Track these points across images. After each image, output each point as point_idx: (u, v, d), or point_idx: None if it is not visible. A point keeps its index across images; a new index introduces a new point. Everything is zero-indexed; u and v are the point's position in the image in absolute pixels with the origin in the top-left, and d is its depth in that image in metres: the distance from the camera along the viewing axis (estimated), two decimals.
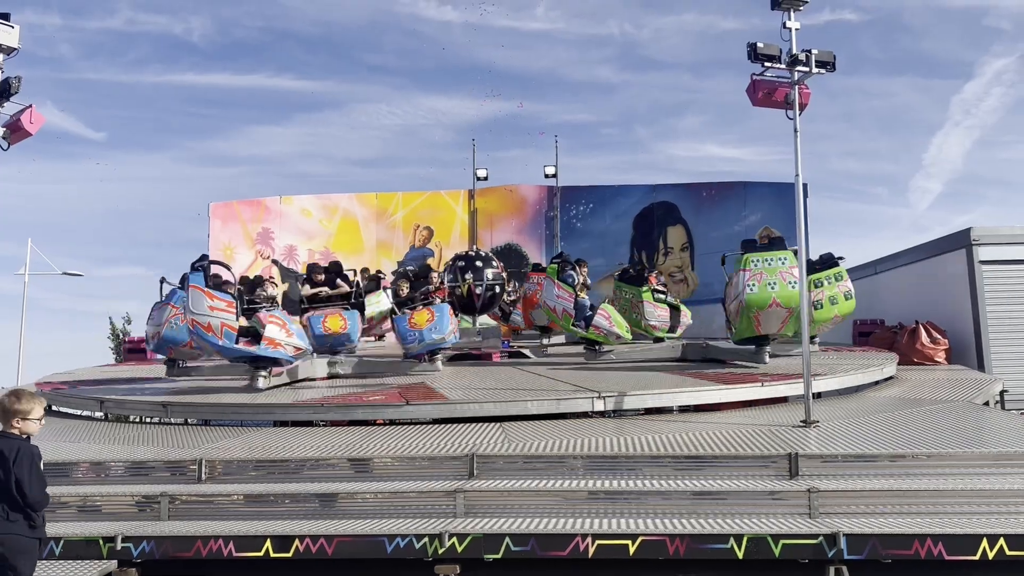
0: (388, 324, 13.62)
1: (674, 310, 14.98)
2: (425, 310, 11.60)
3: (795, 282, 10.62)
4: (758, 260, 11.23)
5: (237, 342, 10.39)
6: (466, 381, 11.31)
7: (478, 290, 15.23)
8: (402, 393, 10.03)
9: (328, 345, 12.50)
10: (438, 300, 12.11)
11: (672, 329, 14.80)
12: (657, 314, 14.46)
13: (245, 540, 6.50)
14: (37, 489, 4.59)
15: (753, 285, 11.17)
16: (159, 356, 13.57)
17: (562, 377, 11.13)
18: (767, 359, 11.56)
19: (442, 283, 13.43)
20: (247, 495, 7.29)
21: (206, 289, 10.32)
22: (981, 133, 56.21)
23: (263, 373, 10.70)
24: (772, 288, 11.00)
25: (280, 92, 54.35)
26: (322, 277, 13.34)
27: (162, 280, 12.66)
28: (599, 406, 9.37)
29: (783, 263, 11.07)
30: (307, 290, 13.23)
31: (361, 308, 13.05)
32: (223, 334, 10.22)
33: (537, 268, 16.05)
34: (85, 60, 56.46)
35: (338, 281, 13.42)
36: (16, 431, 4.67)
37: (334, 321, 12.41)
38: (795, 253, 11.54)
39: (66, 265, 24.82)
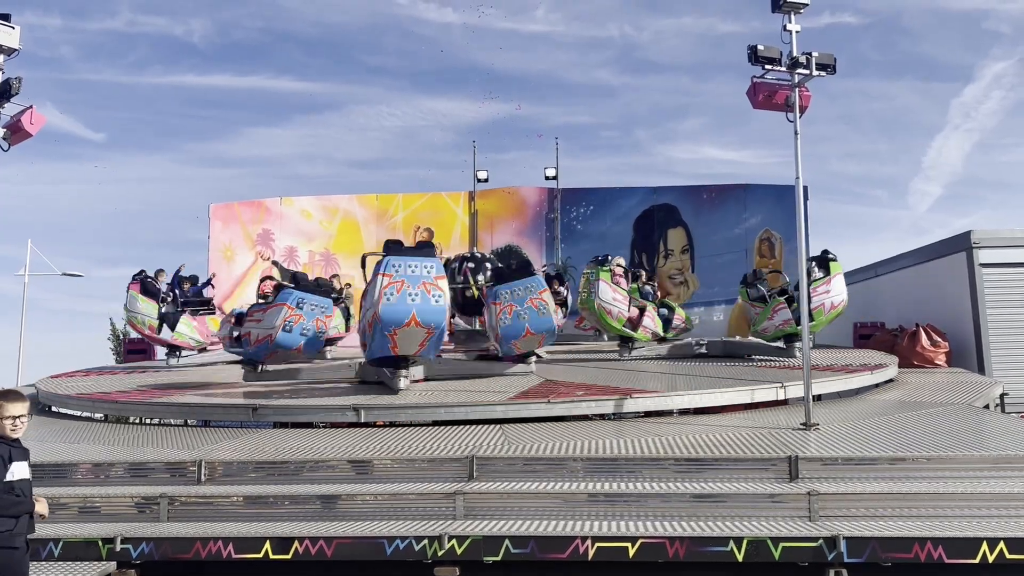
0: None
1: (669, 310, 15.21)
2: None
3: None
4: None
5: None
6: (607, 376, 11.49)
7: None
8: (617, 389, 10.22)
9: None
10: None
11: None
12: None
13: (245, 541, 6.50)
14: None
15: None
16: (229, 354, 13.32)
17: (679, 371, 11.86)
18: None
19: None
20: (247, 496, 7.28)
21: None
22: (981, 136, 56.29)
23: (404, 373, 10.47)
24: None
25: (280, 93, 54.43)
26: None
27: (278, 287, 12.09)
28: (782, 395, 9.98)
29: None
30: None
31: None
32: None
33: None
34: (85, 61, 56.55)
35: None
36: None
37: None
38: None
39: (66, 266, 24.90)
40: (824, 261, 12.71)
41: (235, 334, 12.35)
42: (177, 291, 15.38)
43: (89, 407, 11.56)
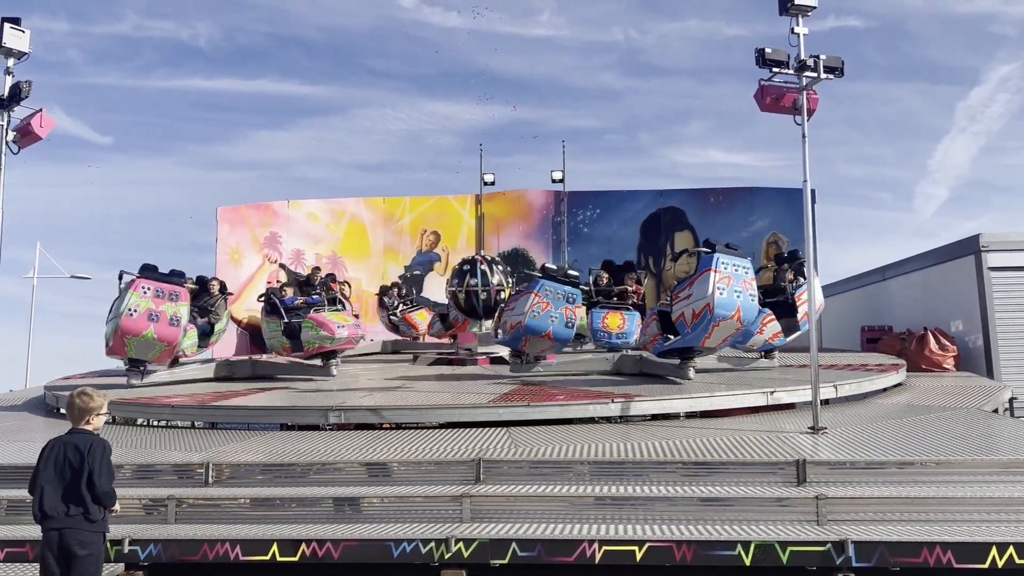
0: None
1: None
2: (617, 314, 12.57)
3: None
4: None
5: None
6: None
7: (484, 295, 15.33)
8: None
9: (604, 342, 12.99)
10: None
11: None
12: None
13: (252, 544, 6.51)
14: (106, 480, 4.81)
15: None
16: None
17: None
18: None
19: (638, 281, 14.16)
20: (254, 499, 7.30)
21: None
22: (987, 139, 56.12)
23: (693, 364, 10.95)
24: None
25: (284, 97, 54.62)
26: (606, 276, 13.88)
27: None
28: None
29: None
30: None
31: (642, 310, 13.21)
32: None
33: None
34: (92, 65, 56.85)
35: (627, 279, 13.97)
36: (90, 427, 4.95)
37: (613, 320, 12.88)
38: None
39: (73, 268, 25.00)
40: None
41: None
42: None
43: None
